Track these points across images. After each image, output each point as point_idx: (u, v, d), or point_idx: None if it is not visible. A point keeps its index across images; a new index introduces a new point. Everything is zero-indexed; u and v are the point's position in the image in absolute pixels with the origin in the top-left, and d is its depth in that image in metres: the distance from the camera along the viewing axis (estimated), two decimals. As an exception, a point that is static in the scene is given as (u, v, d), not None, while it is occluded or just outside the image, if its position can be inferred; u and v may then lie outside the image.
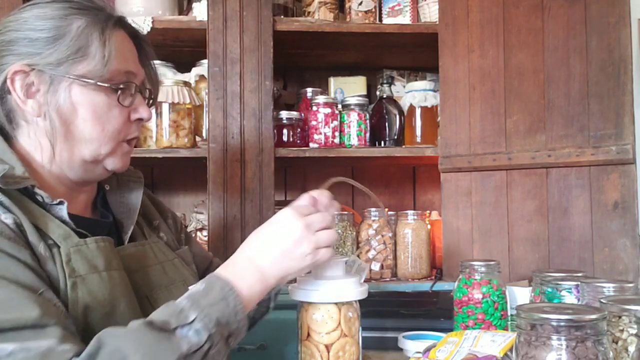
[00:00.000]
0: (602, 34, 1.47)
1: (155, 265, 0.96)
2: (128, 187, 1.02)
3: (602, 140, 1.46)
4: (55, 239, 0.80)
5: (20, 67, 0.83)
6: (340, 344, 0.84)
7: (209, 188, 1.65)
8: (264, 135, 1.67)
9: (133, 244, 0.96)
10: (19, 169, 0.83)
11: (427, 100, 1.80)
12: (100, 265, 0.82)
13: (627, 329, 0.78)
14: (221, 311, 0.75)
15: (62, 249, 0.80)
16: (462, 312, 1.16)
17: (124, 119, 0.90)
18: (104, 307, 0.80)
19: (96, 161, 0.90)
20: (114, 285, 0.82)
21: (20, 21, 0.86)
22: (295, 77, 2.19)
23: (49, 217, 0.82)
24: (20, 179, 0.81)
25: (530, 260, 1.53)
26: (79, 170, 0.90)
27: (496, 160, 1.58)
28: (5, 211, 0.77)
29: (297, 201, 0.90)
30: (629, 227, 1.42)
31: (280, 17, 1.76)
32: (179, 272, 1.00)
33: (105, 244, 0.86)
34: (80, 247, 0.81)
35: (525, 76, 1.57)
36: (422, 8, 1.82)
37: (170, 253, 1.02)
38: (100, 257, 0.83)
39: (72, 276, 0.78)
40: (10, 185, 0.79)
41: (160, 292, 0.93)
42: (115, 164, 0.92)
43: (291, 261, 0.81)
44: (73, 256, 0.80)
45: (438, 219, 1.83)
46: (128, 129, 0.92)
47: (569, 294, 1.02)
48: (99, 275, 0.81)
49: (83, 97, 0.86)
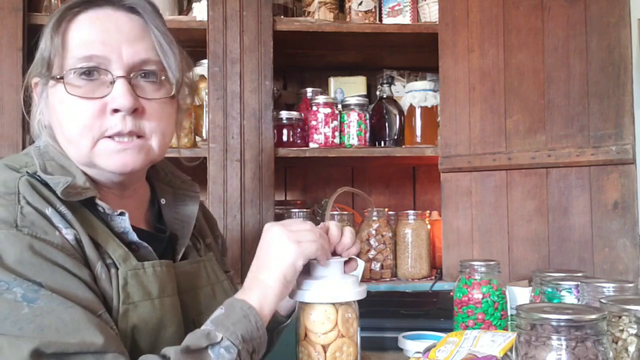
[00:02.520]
0: (602, 34, 1.47)
1: (206, 286, 0.94)
2: (183, 202, 1.00)
3: (602, 140, 1.46)
4: (115, 259, 0.79)
5: (33, 81, 0.88)
6: (337, 345, 0.84)
7: (208, 188, 1.65)
8: (264, 135, 1.67)
9: (188, 262, 0.94)
10: (80, 177, 0.81)
11: (427, 100, 1.80)
12: (155, 292, 0.81)
13: (627, 329, 0.78)
14: (245, 328, 0.76)
15: (120, 271, 0.79)
16: (462, 312, 1.16)
17: (94, 111, 0.80)
18: (151, 332, 0.79)
19: (89, 163, 0.84)
20: (165, 313, 0.82)
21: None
22: (295, 77, 2.19)
23: (108, 234, 0.81)
24: (82, 190, 0.80)
25: (530, 260, 1.53)
26: (91, 173, 0.86)
27: (496, 160, 1.58)
28: (67, 225, 0.76)
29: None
30: (629, 227, 1.42)
31: (280, 17, 1.76)
32: (227, 297, 0.96)
33: (162, 268, 0.84)
34: (137, 271, 0.80)
35: (525, 76, 1.57)
36: (422, 8, 1.82)
37: (221, 274, 1.01)
38: (155, 283, 0.82)
39: (126, 302, 0.77)
40: (72, 197, 0.78)
41: (207, 316, 0.89)
42: (107, 164, 0.82)
43: (280, 259, 0.81)
44: (130, 280, 0.79)
45: (438, 219, 1.83)
46: (103, 123, 0.80)
47: (569, 294, 1.02)
48: (151, 302, 0.80)
49: (53, 97, 0.83)
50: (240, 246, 1.64)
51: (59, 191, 0.77)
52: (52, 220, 0.75)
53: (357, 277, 0.88)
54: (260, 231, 0.89)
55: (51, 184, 0.78)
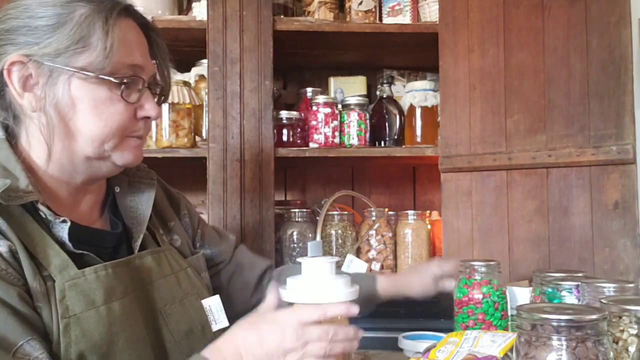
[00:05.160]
0: (602, 34, 1.47)
1: (169, 276, 0.92)
2: (139, 190, 0.96)
3: (603, 140, 1.46)
4: (51, 272, 0.75)
5: (18, 58, 0.78)
6: None
7: (208, 188, 1.65)
8: (264, 135, 1.67)
9: (148, 252, 0.91)
10: (23, 180, 0.77)
11: (427, 100, 1.79)
12: (99, 299, 0.77)
13: (628, 329, 0.78)
14: None
15: (56, 284, 0.74)
16: (462, 312, 1.16)
17: (129, 115, 0.84)
18: (100, 347, 0.75)
19: (101, 157, 0.84)
20: (113, 320, 0.77)
21: (20, 8, 0.80)
22: (295, 77, 2.19)
23: (48, 241, 0.77)
24: (23, 194, 0.75)
25: (531, 261, 1.53)
26: (83, 168, 0.84)
27: (496, 160, 1.58)
28: (1, 237, 0.72)
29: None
30: (630, 227, 1.42)
31: (280, 16, 1.76)
32: (192, 283, 0.96)
33: (108, 271, 0.80)
34: (76, 280, 0.76)
35: (526, 76, 1.56)
36: (422, 8, 1.82)
37: (183, 262, 0.97)
38: (99, 289, 0.78)
39: (65, 316, 0.73)
40: (12, 201, 0.74)
41: (174, 306, 0.89)
42: (125, 158, 0.86)
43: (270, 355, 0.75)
44: (68, 292, 0.75)
45: (438, 219, 1.82)
46: (133, 126, 0.86)
47: (570, 294, 1.02)
48: (96, 311, 0.76)
49: (83, 91, 0.80)
50: (240, 246, 1.63)
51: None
52: None
53: (349, 278, 0.85)
54: (260, 231, 0.88)
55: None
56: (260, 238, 1.64)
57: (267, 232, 1.64)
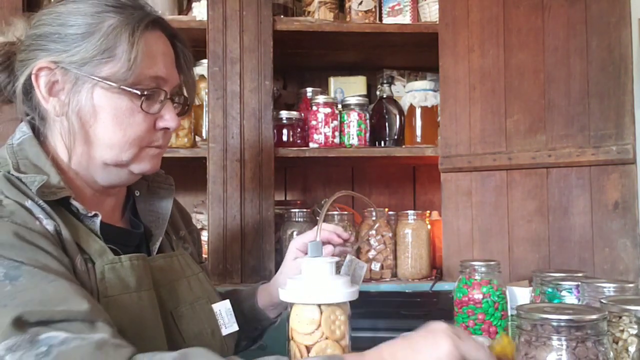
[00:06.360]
0: (602, 34, 1.47)
1: (181, 279, 0.94)
2: (158, 195, 1.00)
3: (603, 140, 1.46)
4: (91, 254, 0.79)
5: (46, 64, 0.81)
6: (321, 347, 0.81)
7: (208, 188, 1.65)
8: (264, 135, 1.67)
9: (162, 255, 0.94)
10: (54, 177, 0.81)
11: (427, 100, 1.79)
12: (133, 285, 0.81)
13: (628, 329, 0.78)
14: None
15: (96, 265, 0.79)
16: (462, 313, 1.16)
17: (148, 126, 0.86)
18: (131, 328, 0.78)
19: (120, 165, 0.87)
20: (143, 307, 0.81)
21: (53, 15, 0.83)
22: (295, 77, 2.19)
23: (84, 230, 0.81)
24: (56, 190, 0.79)
25: (531, 261, 1.53)
26: (103, 173, 0.87)
27: (496, 160, 1.58)
28: (47, 217, 0.76)
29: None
30: (630, 227, 1.42)
31: (280, 16, 1.76)
32: (203, 288, 0.98)
33: (139, 261, 0.84)
34: (114, 264, 0.81)
35: (526, 76, 1.56)
36: (422, 8, 1.82)
37: (195, 266, 1.00)
38: (132, 277, 0.82)
39: (105, 295, 0.77)
40: (47, 197, 0.78)
41: (185, 309, 0.91)
42: (143, 167, 0.89)
43: None
44: (107, 274, 0.79)
45: (438, 219, 1.82)
46: (152, 137, 0.88)
47: (570, 294, 1.02)
48: (129, 296, 0.80)
49: (105, 100, 0.82)
50: (240, 246, 1.63)
51: (34, 189, 0.77)
52: (32, 211, 0.75)
53: (348, 278, 0.85)
54: (260, 231, 0.88)
55: (26, 181, 0.78)
56: (260, 238, 1.64)
57: (267, 232, 1.64)
